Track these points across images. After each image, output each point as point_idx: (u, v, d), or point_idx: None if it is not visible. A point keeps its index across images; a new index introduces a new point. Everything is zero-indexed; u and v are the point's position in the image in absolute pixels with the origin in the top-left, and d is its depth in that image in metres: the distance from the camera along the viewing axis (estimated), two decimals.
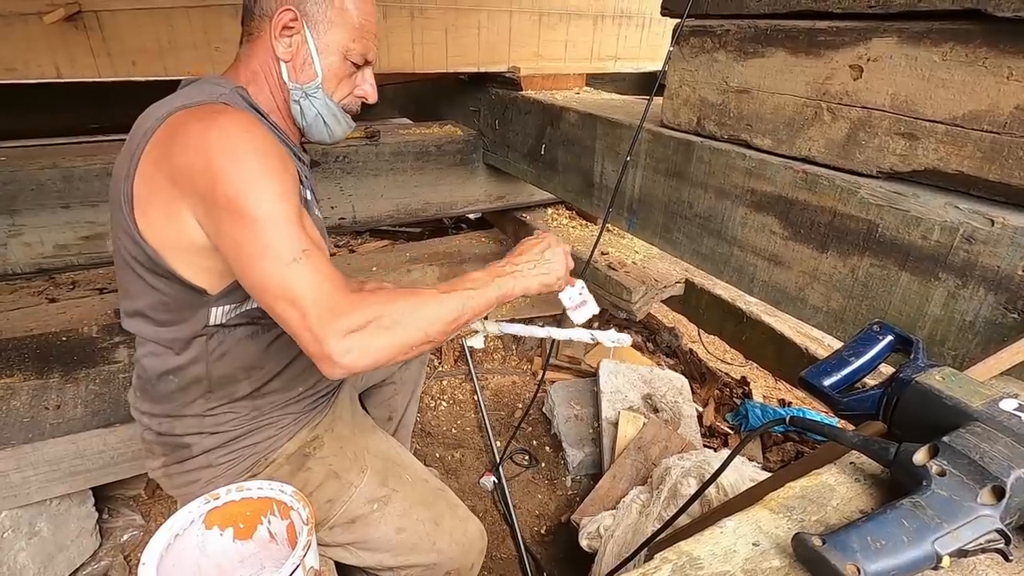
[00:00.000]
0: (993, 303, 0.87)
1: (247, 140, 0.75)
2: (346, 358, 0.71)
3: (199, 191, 0.74)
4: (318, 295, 0.72)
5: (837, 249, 1.08)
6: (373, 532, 1.02)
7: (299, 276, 0.72)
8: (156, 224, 0.79)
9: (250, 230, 0.72)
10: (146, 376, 0.93)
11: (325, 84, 0.92)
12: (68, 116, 2.86)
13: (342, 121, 0.99)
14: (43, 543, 1.36)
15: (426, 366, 1.59)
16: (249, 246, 0.73)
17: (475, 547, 1.10)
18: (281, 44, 0.88)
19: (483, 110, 2.32)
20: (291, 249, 0.72)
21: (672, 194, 1.43)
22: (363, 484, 1.03)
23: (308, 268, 0.72)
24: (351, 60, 0.92)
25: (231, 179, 0.73)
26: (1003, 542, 0.43)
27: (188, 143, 0.75)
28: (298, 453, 1.02)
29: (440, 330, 0.78)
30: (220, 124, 0.75)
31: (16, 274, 1.72)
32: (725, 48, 1.24)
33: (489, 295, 0.85)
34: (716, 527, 0.50)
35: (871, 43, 0.98)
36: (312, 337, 0.71)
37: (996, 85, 0.85)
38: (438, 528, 1.05)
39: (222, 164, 0.73)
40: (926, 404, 0.54)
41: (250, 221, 0.72)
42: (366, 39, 0.92)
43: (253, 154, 0.75)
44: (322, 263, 0.74)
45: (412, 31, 1.94)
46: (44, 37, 1.47)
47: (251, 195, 0.72)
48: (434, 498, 1.10)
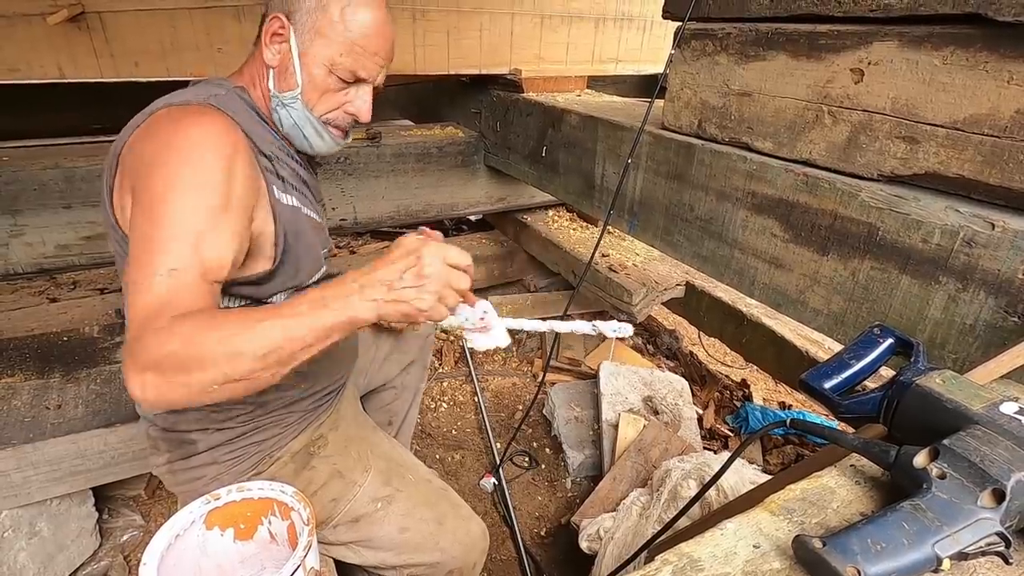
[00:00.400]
0: (993, 306, 0.87)
1: (198, 146, 0.75)
2: (146, 394, 0.64)
3: (136, 176, 0.75)
4: (144, 311, 0.66)
5: (838, 252, 1.08)
6: (377, 531, 1.02)
7: (145, 290, 0.67)
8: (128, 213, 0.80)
9: (149, 228, 0.71)
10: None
11: (305, 95, 0.89)
12: (71, 117, 2.87)
13: (324, 136, 0.94)
14: (43, 543, 1.36)
15: (428, 370, 1.59)
16: (140, 243, 0.72)
17: (477, 546, 1.11)
18: (270, 51, 0.88)
19: (484, 112, 2.33)
20: (165, 263, 0.69)
21: (673, 197, 1.43)
22: (367, 483, 1.03)
23: (159, 284, 0.68)
24: (338, 75, 0.88)
25: (159, 172, 0.73)
26: (1003, 545, 0.43)
27: (151, 136, 0.76)
28: (303, 451, 1.02)
29: (248, 368, 0.65)
30: (184, 125, 0.76)
31: (17, 274, 1.72)
32: (726, 51, 1.24)
33: (323, 322, 0.67)
34: (716, 529, 0.50)
35: (872, 47, 0.99)
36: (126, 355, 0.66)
37: (997, 89, 0.85)
38: (441, 527, 1.06)
39: (164, 158, 0.73)
40: (926, 407, 0.54)
41: (152, 220, 0.71)
42: (360, 56, 0.88)
43: (195, 163, 0.74)
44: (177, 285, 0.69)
45: (414, 33, 1.95)
46: (47, 38, 1.48)
47: (165, 196, 0.72)
48: (437, 498, 1.10)
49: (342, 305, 0.68)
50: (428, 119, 2.77)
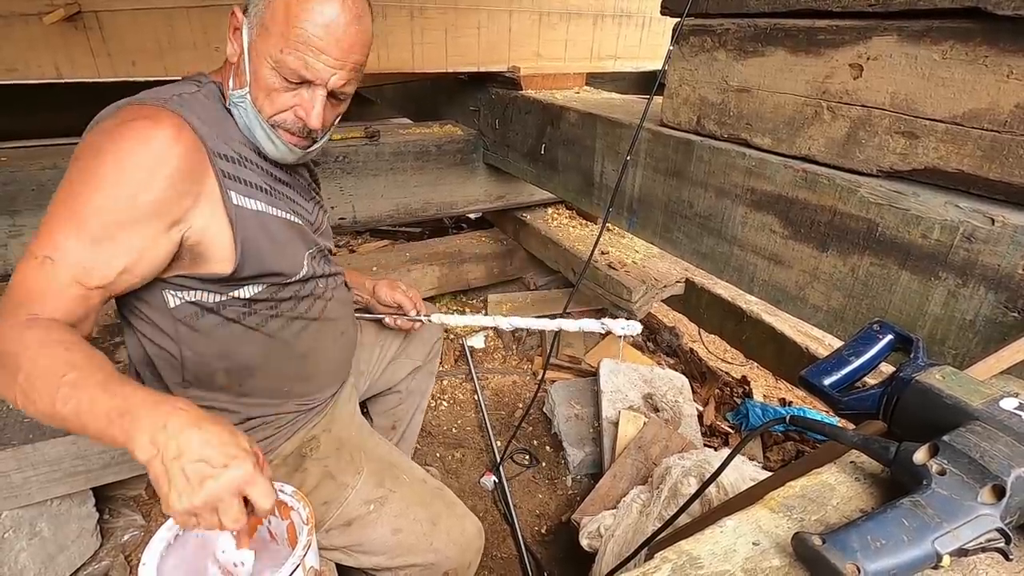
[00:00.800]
0: (993, 302, 0.87)
1: (126, 155, 0.74)
2: None
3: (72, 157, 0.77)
4: (14, 299, 0.70)
5: (837, 248, 1.08)
6: (370, 534, 1.01)
7: (19, 270, 0.72)
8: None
9: (51, 208, 0.74)
10: (134, 367, 0.95)
11: (252, 94, 0.84)
12: (69, 117, 2.86)
13: (275, 141, 0.87)
14: (44, 543, 1.36)
15: (434, 376, 1.58)
16: (44, 219, 0.74)
17: (472, 546, 1.10)
18: (231, 45, 0.85)
19: (483, 110, 2.32)
20: (47, 245, 0.72)
21: (672, 193, 1.43)
22: (359, 485, 1.03)
23: (29, 271, 0.71)
24: (282, 74, 0.81)
25: (81, 163, 0.74)
26: (1003, 541, 0.43)
27: (98, 128, 0.78)
28: (295, 454, 1.02)
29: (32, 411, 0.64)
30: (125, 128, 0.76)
31: None
32: (725, 47, 1.24)
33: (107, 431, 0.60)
34: (716, 526, 0.50)
35: (871, 42, 0.98)
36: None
37: (996, 84, 0.85)
38: (435, 528, 1.05)
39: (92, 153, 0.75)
40: (926, 403, 0.54)
41: (56, 202, 0.74)
42: (305, 55, 0.79)
43: (119, 163, 0.74)
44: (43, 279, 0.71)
45: (412, 31, 1.94)
46: (44, 37, 1.47)
47: (76, 185, 0.73)
48: (431, 497, 1.09)
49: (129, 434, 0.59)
50: (426, 117, 2.76)
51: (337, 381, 1.13)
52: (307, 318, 1.01)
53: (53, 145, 1.90)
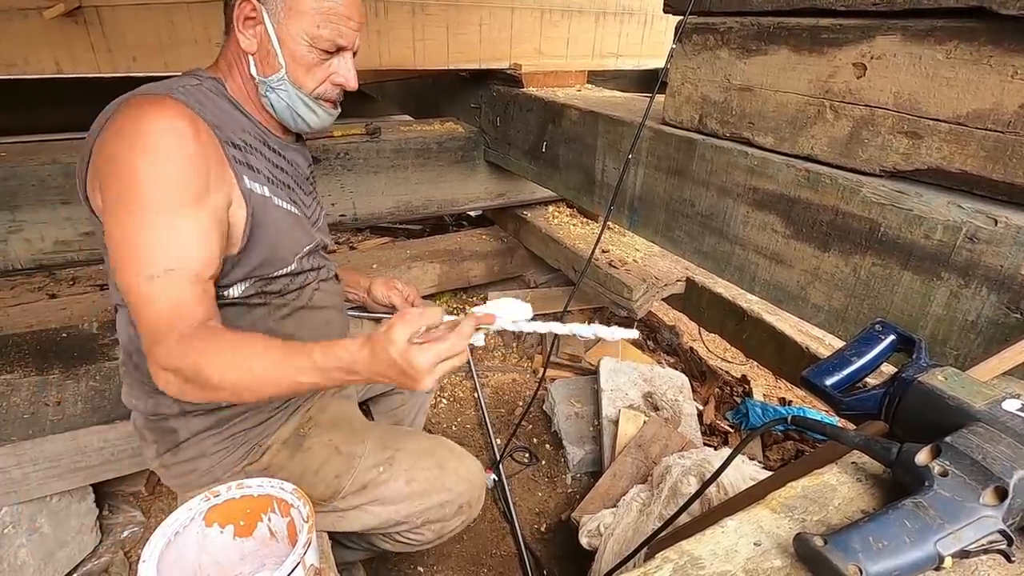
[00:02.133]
0: (996, 303, 0.87)
1: (156, 139, 0.75)
2: (169, 390, 0.76)
3: (104, 174, 0.77)
4: (155, 322, 0.74)
5: (839, 248, 1.08)
6: (384, 491, 1.06)
7: (149, 295, 0.74)
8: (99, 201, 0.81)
9: (124, 230, 0.74)
10: (126, 348, 0.95)
11: (291, 75, 0.89)
12: (70, 112, 2.86)
13: (318, 112, 0.94)
14: (43, 539, 1.36)
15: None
16: (120, 245, 0.74)
17: (479, 480, 1.17)
18: (244, 37, 0.87)
19: (484, 107, 2.31)
20: (153, 264, 0.73)
21: (674, 192, 1.42)
22: (367, 453, 1.07)
23: (160, 290, 0.74)
24: (319, 48, 0.88)
25: (125, 173, 0.74)
26: (1005, 543, 0.43)
27: (111, 128, 0.77)
28: (293, 436, 1.03)
29: (248, 398, 0.77)
30: (142, 117, 0.76)
31: (16, 270, 1.72)
32: (728, 45, 1.24)
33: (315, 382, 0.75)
34: (717, 526, 0.50)
35: (875, 41, 0.98)
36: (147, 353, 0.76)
37: (1000, 84, 0.84)
38: (444, 471, 1.10)
39: (124, 155, 0.75)
40: (928, 404, 0.54)
41: (127, 222, 0.74)
42: (335, 23, 0.87)
43: (156, 155, 0.75)
44: (176, 290, 0.75)
45: (413, 27, 1.94)
46: (44, 32, 1.47)
47: (136, 196, 0.73)
48: (434, 445, 1.15)
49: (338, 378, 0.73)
50: (427, 114, 2.75)
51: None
52: (293, 306, 1.02)
53: (53, 141, 1.90)
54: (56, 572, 1.39)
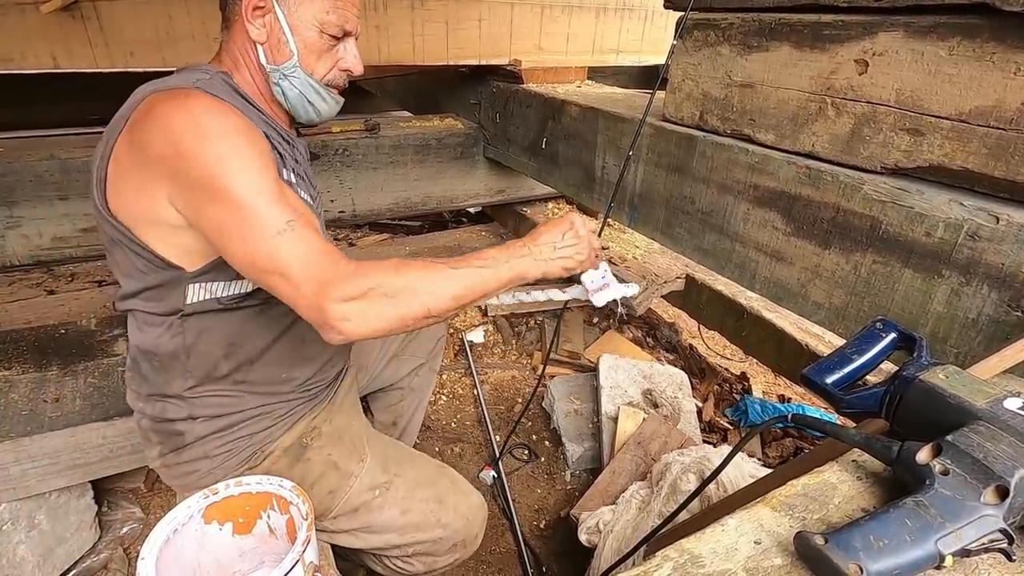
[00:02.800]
0: (997, 300, 0.87)
1: (213, 121, 0.75)
2: (345, 326, 0.71)
3: (173, 175, 0.75)
4: (309, 264, 0.72)
5: (840, 245, 1.07)
6: (377, 517, 1.04)
7: (287, 247, 0.72)
8: (129, 203, 0.80)
9: (231, 208, 0.72)
10: (134, 354, 0.94)
11: (303, 62, 0.90)
12: (67, 108, 2.85)
13: (327, 99, 0.96)
14: (42, 536, 1.36)
15: (436, 373, 1.59)
16: (232, 224, 0.73)
17: (478, 518, 1.13)
18: (254, 26, 0.87)
19: (484, 103, 2.31)
20: (276, 221, 0.72)
21: (674, 189, 1.42)
22: (363, 473, 1.04)
23: (295, 238, 0.72)
24: (329, 33, 0.90)
25: (204, 160, 0.73)
26: (1006, 542, 0.43)
27: (156, 127, 0.75)
28: (296, 444, 1.02)
29: (445, 306, 0.76)
30: (187, 107, 0.76)
31: (14, 266, 1.71)
32: (729, 42, 1.23)
33: (502, 275, 0.82)
34: (718, 525, 0.49)
35: (877, 37, 0.97)
36: (308, 305, 0.72)
37: (1003, 81, 0.84)
38: (442, 505, 1.08)
39: (192, 146, 0.73)
40: (929, 402, 0.54)
41: (229, 199, 0.72)
42: (342, 9, 0.89)
43: (221, 133, 0.75)
44: (309, 233, 0.74)
45: (412, 23, 1.93)
46: (41, 27, 1.46)
47: (226, 174, 0.73)
48: (436, 475, 1.12)
49: (516, 264, 0.83)
50: (427, 110, 2.75)
51: (335, 366, 1.13)
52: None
53: (50, 136, 1.89)
54: (55, 568, 1.39)
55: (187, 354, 0.91)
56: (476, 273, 0.79)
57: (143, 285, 0.86)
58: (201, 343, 0.90)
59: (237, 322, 0.92)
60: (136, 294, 0.88)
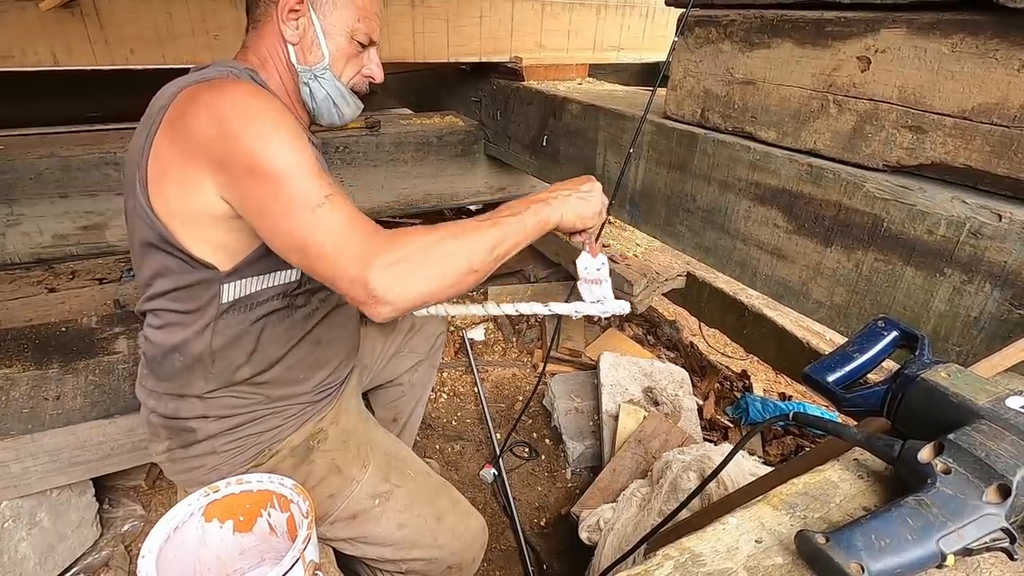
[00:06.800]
0: (999, 299, 0.86)
1: (257, 102, 0.77)
2: (390, 293, 0.69)
3: (217, 158, 0.75)
4: (349, 236, 0.71)
5: (841, 243, 1.07)
6: (374, 528, 1.02)
7: (327, 221, 0.71)
8: (171, 199, 0.80)
9: (272, 185, 0.73)
10: (153, 353, 0.93)
11: (333, 65, 0.93)
12: (67, 105, 2.84)
13: (351, 102, 1.00)
14: (44, 533, 1.36)
15: (436, 370, 1.59)
16: (273, 202, 0.73)
17: (476, 542, 1.11)
18: (288, 27, 0.90)
19: (484, 101, 2.30)
20: (315, 196, 0.72)
21: (675, 187, 1.42)
22: (365, 479, 1.03)
23: (334, 211, 0.72)
24: (357, 40, 0.93)
25: (247, 140, 0.73)
26: (1008, 541, 0.43)
27: (200, 113, 0.76)
28: (303, 445, 1.02)
29: (482, 259, 0.76)
30: (231, 91, 0.77)
31: (15, 264, 1.71)
32: (730, 38, 1.22)
33: (527, 222, 0.82)
34: (719, 523, 0.49)
35: (879, 34, 0.97)
36: (351, 280, 0.70)
37: (1006, 78, 0.83)
38: (440, 524, 1.06)
39: (236, 127, 0.74)
40: (931, 401, 0.54)
41: (271, 177, 0.73)
42: (370, 19, 0.93)
43: (265, 113, 0.76)
44: (347, 206, 0.74)
45: (413, 20, 1.92)
46: (40, 24, 1.46)
47: (268, 152, 0.73)
48: (436, 493, 1.10)
49: (539, 209, 0.83)
50: (427, 108, 2.74)
51: (346, 367, 1.13)
52: (329, 304, 1.02)
53: (51, 133, 1.89)
54: (56, 566, 1.39)
55: (212, 358, 0.90)
56: (505, 223, 0.80)
57: (175, 285, 0.86)
58: (227, 347, 0.90)
59: (262, 326, 0.92)
60: (165, 293, 0.88)
